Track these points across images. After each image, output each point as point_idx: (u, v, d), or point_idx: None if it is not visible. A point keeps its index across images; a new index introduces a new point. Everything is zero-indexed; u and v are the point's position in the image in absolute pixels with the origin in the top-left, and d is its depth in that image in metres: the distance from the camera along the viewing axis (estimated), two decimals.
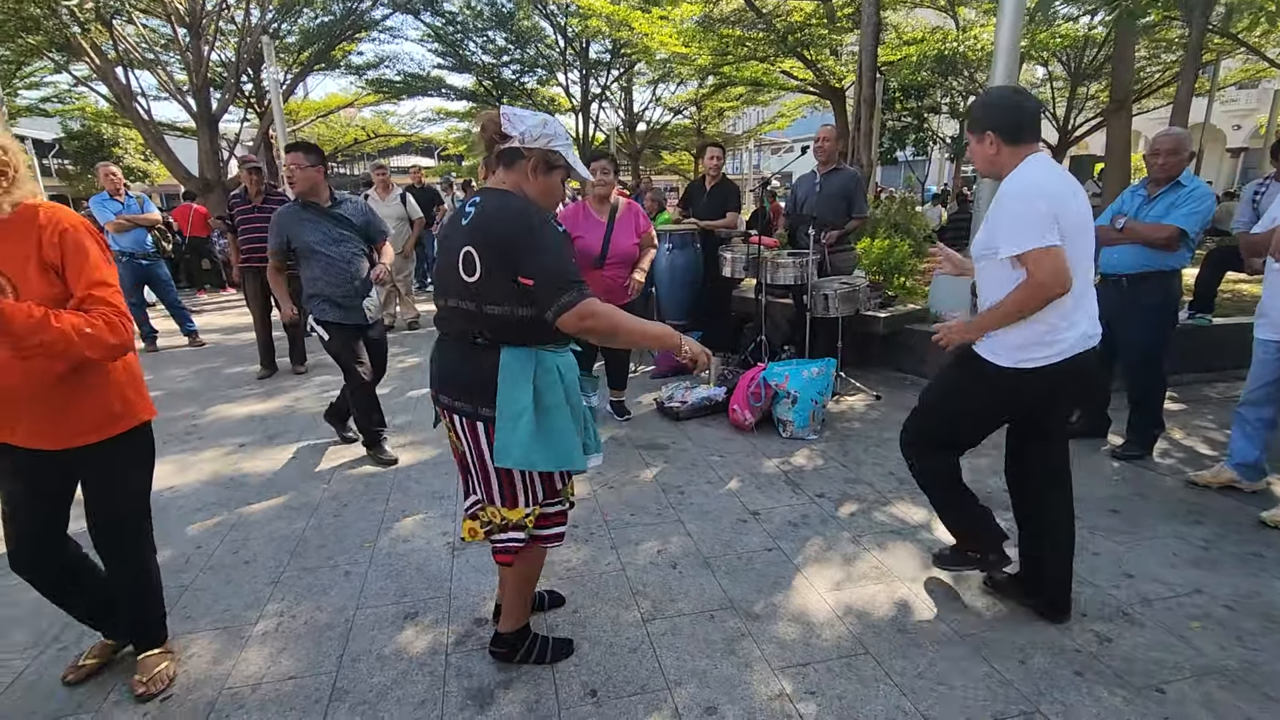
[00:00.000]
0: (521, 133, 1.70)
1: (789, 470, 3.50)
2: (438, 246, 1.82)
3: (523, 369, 1.71)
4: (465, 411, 1.76)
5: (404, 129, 23.56)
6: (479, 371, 1.72)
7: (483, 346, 1.72)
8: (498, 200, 1.69)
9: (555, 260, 1.63)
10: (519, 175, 1.75)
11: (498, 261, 1.64)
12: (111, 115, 18.22)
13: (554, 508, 1.96)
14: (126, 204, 6.23)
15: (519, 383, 1.70)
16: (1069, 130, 16.29)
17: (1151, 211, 3.23)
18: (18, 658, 2.17)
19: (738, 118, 26.81)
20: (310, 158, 3.38)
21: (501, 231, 1.64)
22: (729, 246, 5.04)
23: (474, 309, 1.69)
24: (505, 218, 1.65)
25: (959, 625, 2.24)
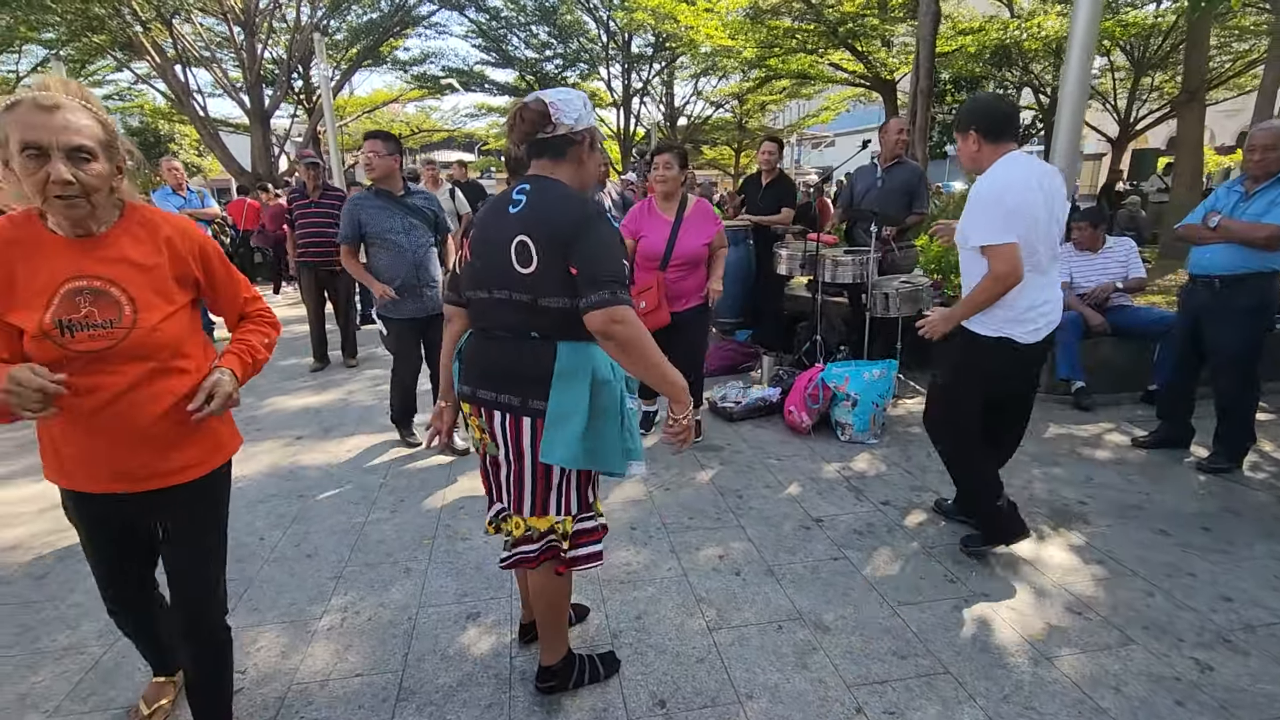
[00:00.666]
0: (574, 119, 1.63)
1: (850, 476, 3.39)
2: (475, 237, 1.73)
3: (580, 366, 1.63)
4: (511, 406, 1.66)
5: (446, 124, 23.84)
6: (534, 364, 1.63)
7: (536, 340, 1.65)
8: (553, 190, 1.63)
9: (604, 253, 1.55)
10: (572, 163, 1.69)
11: (555, 252, 1.57)
12: (169, 112, 18.84)
13: (586, 523, 1.83)
14: (188, 198, 6.39)
15: (575, 379, 1.62)
16: (1130, 123, 15.61)
17: (1249, 209, 3.02)
18: (94, 645, 2.21)
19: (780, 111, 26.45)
20: (388, 145, 3.43)
21: (560, 221, 1.57)
22: (784, 243, 4.92)
23: (529, 300, 1.62)
24: (564, 208, 1.59)
25: (1044, 647, 2.12)
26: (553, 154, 1.67)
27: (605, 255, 1.56)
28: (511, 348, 1.67)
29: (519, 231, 1.60)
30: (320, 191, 5.44)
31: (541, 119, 1.62)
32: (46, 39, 12.62)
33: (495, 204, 1.72)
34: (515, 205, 1.64)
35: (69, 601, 2.44)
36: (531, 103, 1.64)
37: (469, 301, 1.77)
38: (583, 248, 1.55)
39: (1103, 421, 4.09)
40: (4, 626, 2.31)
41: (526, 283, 1.61)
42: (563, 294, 1.59)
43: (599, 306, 1.51)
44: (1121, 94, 15.53)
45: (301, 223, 5.43)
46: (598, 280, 1.53)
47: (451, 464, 3.62)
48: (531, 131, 1.64)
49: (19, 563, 2.72)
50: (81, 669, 2.09)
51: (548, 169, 1.68)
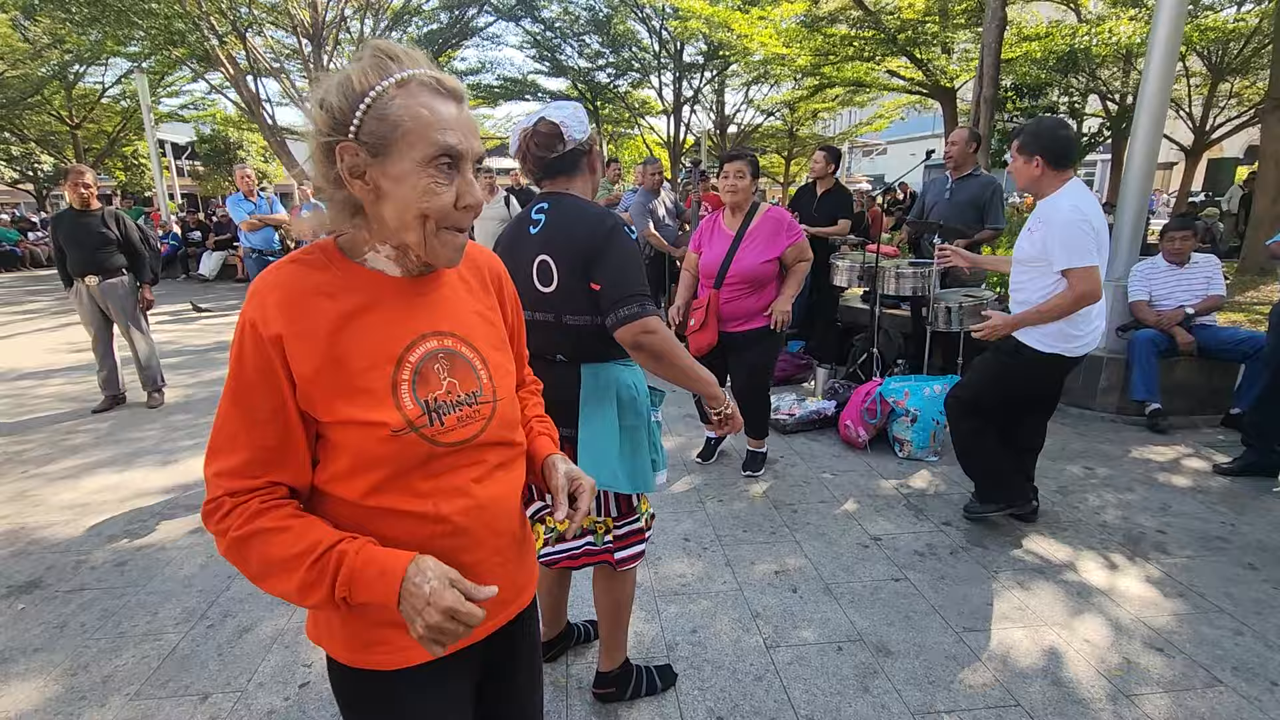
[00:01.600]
0: (582, 132, 1.63)
1: (909, 494, 3.30)
2: (502, 252, 1.72)
3: (605, 388, 1.66)
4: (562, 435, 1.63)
5: (499, 132, 24.32)
6: (558, 390, 1.60)
7: (562, 364, 1.67)
8: (569, 206, 1.64)
9: (626, 268, 1.56)
10: (584, 173, 1.70)
11: (575, 269, 1.58)
12: (238, 120, 19.78)
13: (628, 526, 1.82)
14: (258, 204, 6.66)
15: (602, 403, 1.65)
16: (1206, 131, 14.90)
17: None
18: (171, 631, 2.30)
19: (832, 119, 26.12)
20: None
21: (579, 238, 1.58)
22: (841, 254, 4.84)
23: (552, 320, 1.64)
24: (582, 222, 1.59)
25: (1122, 683, 2.02)
26: (567, 171, 1.67)
27: (627, 269, 1.56)
28: (556, 374, 1.66)
29: (539, 251, 1.62)
30: None
31: (553, 139, 1.61)
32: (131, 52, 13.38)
33: (516, 225, 1.73)
34: (535, 225, 1.65)
35: (148, 589, 2.56)
36: (540, 124, 1.61)
37: None
38: (604, 264, 1.56)
39: (1180, 445, 3.89)
40: (90, 611, 2.43)
41: (549, 301, 1.63)
42: (586, 311, 1.61)
43: (628, 321, 1.54)
44: (1196, 101, 14.83)
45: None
46: (623, 296, 1.54)
47: None
48: (546, 154, 1.63)
49: (102, 549, 2.86)
50: (160, 655, 2.18)
51: (563, 185, 1.68)
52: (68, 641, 2.26)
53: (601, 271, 1.56)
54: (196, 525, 3.06)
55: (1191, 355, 4.04)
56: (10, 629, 2.33)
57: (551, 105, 1.65)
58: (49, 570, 2.71)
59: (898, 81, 12.91)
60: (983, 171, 4.42)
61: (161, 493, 3.42)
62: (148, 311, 4.88)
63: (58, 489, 3.48)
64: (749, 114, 20.67)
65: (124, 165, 22.55)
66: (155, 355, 4.91)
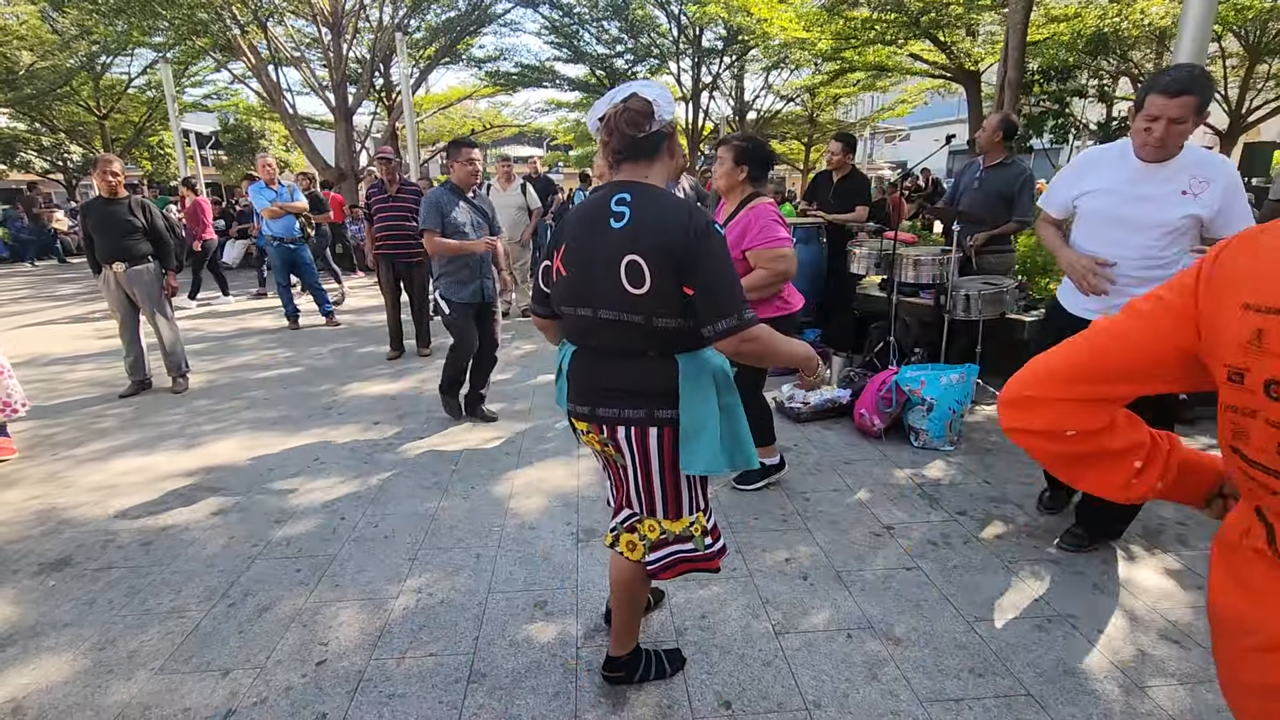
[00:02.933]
0: (670, 113, 1.58)
1: (923, 483, 3.28)
2: (570, 251, 1.64)
3: (701, 372, 1.61)
4: (637, 420, 1.61)
5: (518, 120, 24.30)
6: (654, 377, 1.60)
7: (654, 357, 1.60)
8: (657, 200, 1.54)
9: (723, 275, 1.49)
10: (664, 158, 1.62)
11: (668, 271, 1.49)
12: (260, 110, 19.95)
13: (711, 519, 1.82)
14: (279, 192, 6.74)
15: (701, 388, 1.60)
16: (1243, 114, 14.44)
17: None
18: (194, 609, 2.37)
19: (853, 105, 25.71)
20: (477, 151, 4.01)
21: (672, 239, 1.47)
22: (857, 241, 4.79)
23: (641, 322, 1.54)
24: (673, 222, 1.49)
25: (1136, 675, 2.00)
26: (648, 154, 1.59)
27: (723, 274, 1.49)
28: (628, 365, 1.62)
29: (629, 250, 1.50)
30: (398, 186, 5.58)
31: (645, 117, 1.53)
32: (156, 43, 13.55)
33: (590, 215, 1.60)
34: (619, 219, 1.53)
35: (172, 568, 2.63)
36: (632, 100, 1.53)
37: (564, 316, 1.70)
38: (700, 270, 1.48)
39: (1204, 436, 3.82)
40: (118, 588, 2.50)
41: (640, 304, 1.52)
42: (678, 315, 1.53)
43: (728, 334, 1.49)
44: (1233, 82, 14.37)
45: (380, 217, 5.56)
46: (720, 307, 1.48)
47: (520, 453, 3.70)
48: (635, 132, 1.54)
49: (128, 529, 2.95)
50: (183, 631, 2.25)
51: (642, 171, 1.59)
52: (96, 617, 2.33)
53: (697, 277, 1.48)
54: (219, 507, 3.13)
55: None
56: (41, 604, 2.42)
57: (639, 82, 1.57)
58: (78, 549, 2.79)
59: (920, 65, 12.68)
60: (1017, 159, 4.31)
61: (185, 475, 3.50)
62: (173, 298, 4.98)
63: (87, 471, 3.58)
64: (769, 100, 20.43)
65: (150, 155, 22.91)
66: (180, 342, 5.02)
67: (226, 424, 4.27)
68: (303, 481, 3.40)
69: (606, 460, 1.82)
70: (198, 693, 1.97)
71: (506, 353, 5.95)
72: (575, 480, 3.35)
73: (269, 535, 2.87)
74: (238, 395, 4.87)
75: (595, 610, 2.32)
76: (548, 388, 4.93)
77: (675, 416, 1.61)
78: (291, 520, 2.99)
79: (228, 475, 3.49)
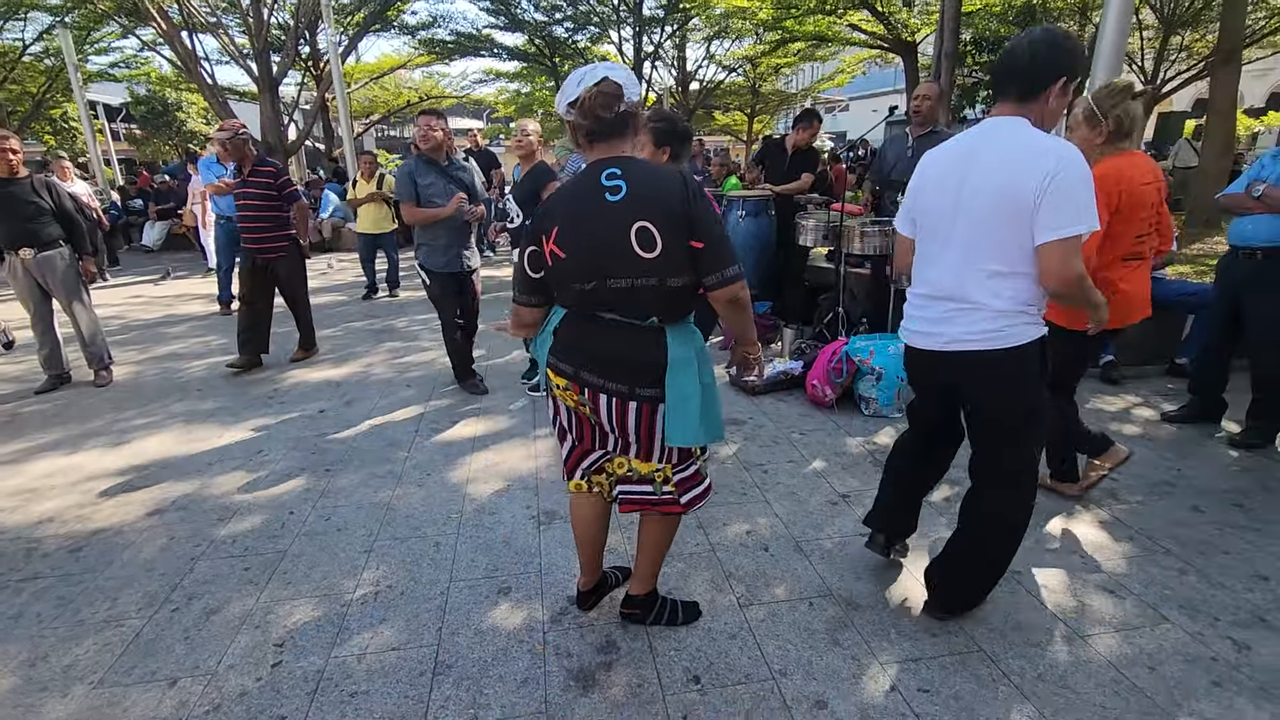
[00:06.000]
0: (637, 95, 1.68)
1: (875, 450, 3.37)
2: (567, 233, 1.67)
3: (688, 350, 1.73)
4: (618, 393, 1.73)
5: (456, 91, 23.47)
6: (642, 351, 1.71)
7: (651, 328, 1.71)
8: (645, 169, 1.66)
9: (716, 229, 1.65)
10: (632, 136, 1.72)
11: (678, 231, 1.62)
12: (175, 80, 18.66)
13: (689, 470, 1.90)
14: (230, 167, 6.29)
15: (689, 366, 1.71)
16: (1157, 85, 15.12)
17: None
18: (134, 616, 2.24)
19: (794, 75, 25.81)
20: (442, 120, 3.91)
21: (672, 200, 1.61)
22: (806, 214, 4.83)
23: (655, 284, 1.65)
24: (669, 186, 1.62)
25: (1077, 625, 2.12)
26: (619, 132, 1.68)
27: (718, 230, 1.65)
28: (621, 336, 1.71)
29: (636, 217, 1.61)
30: (251, 166, 4.66)
31: (615, 99, 1.63)
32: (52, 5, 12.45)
33: (582, 193, 1.67)
34: (614, 193, 1.62)
35: (106, 574, 2.48)
36: (604, 84, 1.63)
37: (566, 293, 1.75)
38: (703, 224, 1.62)
39: (1130, 395, 4.04)
40: (45, 599, 2.35)
41: (654, 266, 1.63)
42: (687, 271, 1.66)
43: (728, 283, 1.64)
44: (1149, 54, 15.00)
45: (238, 204, 4.73)
46: (721, 259, 1.63)
47: (475, 437, 3.63)
48: (606, 114, 1.64)
49: (54, 535, 2.76)
50: (123, 641, 2.13)
51: (615, 149, 1.69)
52: (23, 632, 2.18)
53: (702, 231, 1.62)
54: (155, 506, 2.97)
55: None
56: None
57: (605, 65, 1.67)
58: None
59: (859, 35, 12.78)
60: (944, 129, 4.41)
61: (115, 475, 3.30)
62: (91, 285, 4.64)
63: (2, 474, 3.34)
64: (711, 70, 20.30)
65: (53, 129, 21.20)
66: (100, 331, 4.70)
67: (157, 418, 4.04)
68: (246, 476, 3.25)
69: (574, 412, 1.90)
70: (143, 705, 1.88)
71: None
72: (533, 462, 3.31)
73: (212, 534, 2.73)
74: (169, 386, 4.61)
75: (560, 593, 2.31)
76: (499, 369, 4.84)
77: (655, 395, 1.72)
78: (236, 517, 2.86)
79: (162, 472, 3.31)
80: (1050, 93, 1.76)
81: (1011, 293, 1.82)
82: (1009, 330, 1.84)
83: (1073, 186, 1.66)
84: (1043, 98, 1.77)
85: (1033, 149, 1.72)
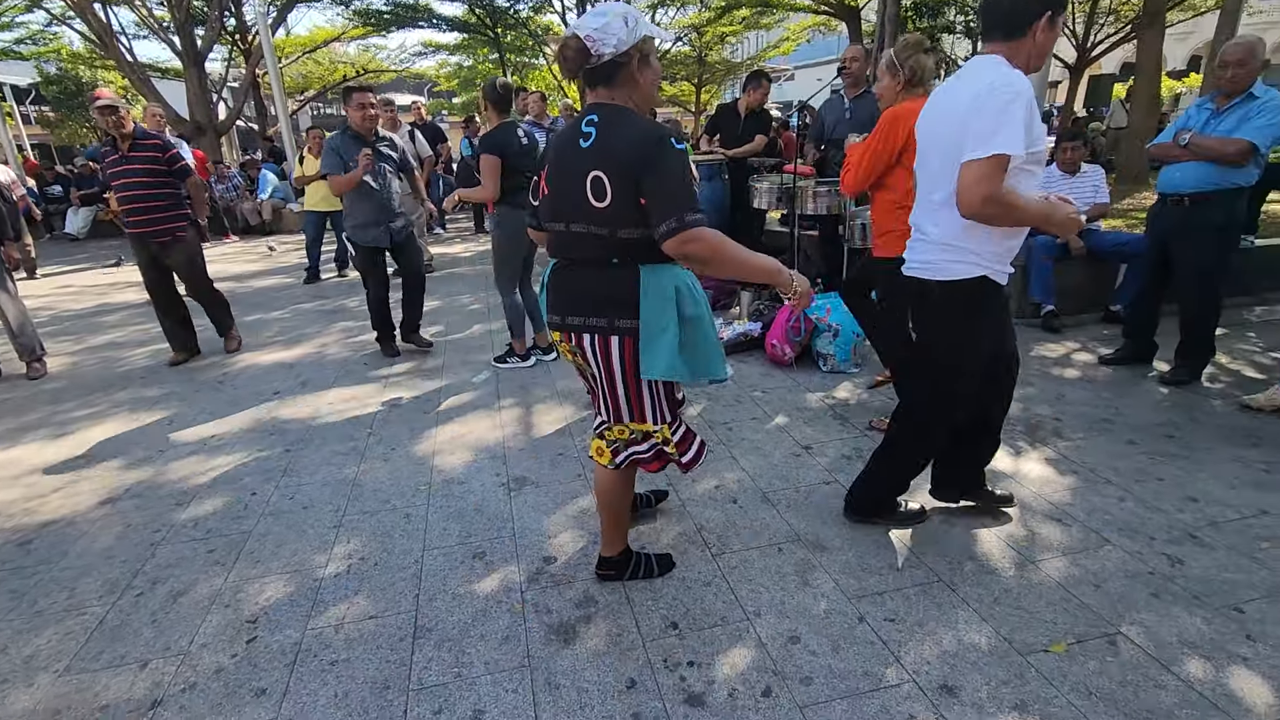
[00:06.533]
0: (615, 45, 1.62)
1: (834, 404, 3.47)
2: (550, 170, 1.78)
3: (661, 283, 1.72)
4: (599, 328, 1.75)
5: (394, 64, 22.66)
6: (617, 287, 1.72)
7: (616, 266, 1.72)
8: (619, 119, 1.65)
9: (669, 180, 1.58)
10: (625, 85, 1.69)
11: (627, 184, 1.61)
12: (90, 56, 17.51)
13: (680, 430, 1.95)
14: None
15: (661, 296, 1.71)
16: (1088, 49, 15.64)
17: (1221, 126, 3.08)
18: (96, 604, 2.18)
19: (739, 44, 25.75)
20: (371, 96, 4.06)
21: (629, 154, 1.60)
22: (760, 177, 4.87)
23: (607, 234, 1.68)
24: (630, 138, 1.60)
25: (1029, 552, 2.25)
26: (605, 81, 1.68)
27: (670, 182, 1.58)
28: (595, 275, 1.75)
29: (592, 166, 1.64)
30: (131, 141, 4.15)
31: (581, 54, 1.61)
32: None
33: (567, 135, 1.73)
34: (586, 139, 1.66)
35: (61, 565, 2.39)
36: (569, 39, 1.62)
37: (550, 236, 1.85)
38: (651, 178, 1.58)
39: (1069, 341, 4.25)
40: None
41: (603, 216, 1.66)
42: (638, 225, 1.65)
43: (670, 235, 1.58)
44: (1079, 18, 15.48)
45: (116, 185, 4.21)
46: (664, 209, 1.58)
47: (439, 411, 3.59)
48: (578, 66, 1.64)
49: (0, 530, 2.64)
50: (86, 629, 2.07)
51: (605, 95, 1.70)
52: None
53: (649, 184, 1.59)
54: (107, 495, 2.86)
55: (1083, 256, 4.36)
56: None
57: (588, 15, 1.63)
58: None
59: (804, 1, 12.80)
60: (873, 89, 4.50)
61: (59, 466, 3.16)
62: (14, 271, 4.38)
63: None
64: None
65: None
66: (29, 321, 4.45)
67: (100, 408, 3.87)
68: (201, 460, 3.15)
69: (579, 370, 1.97)
70: (114, 688, 1.83)
71: None
72: (500, 431, 3.31)
73: (171, 519, 2.66)
74: (110, 376, 4.41)
75: (536, 554, 2.34)
76: (459, 343, 4.78)
77: (634, 327, 1.73)
78: (195, 501, 2.79)
79: (111, 461, 3.18)
80: (1037, 28, 1.79)
81: (946, 223, 1.93)
82: (940, 263, 1.97)
83: (993, 109, 1.68)
84: (1030, 35, 1.79)
85: (978, 78, 1.77)
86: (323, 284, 7.09)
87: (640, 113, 1.73)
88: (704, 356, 1.80)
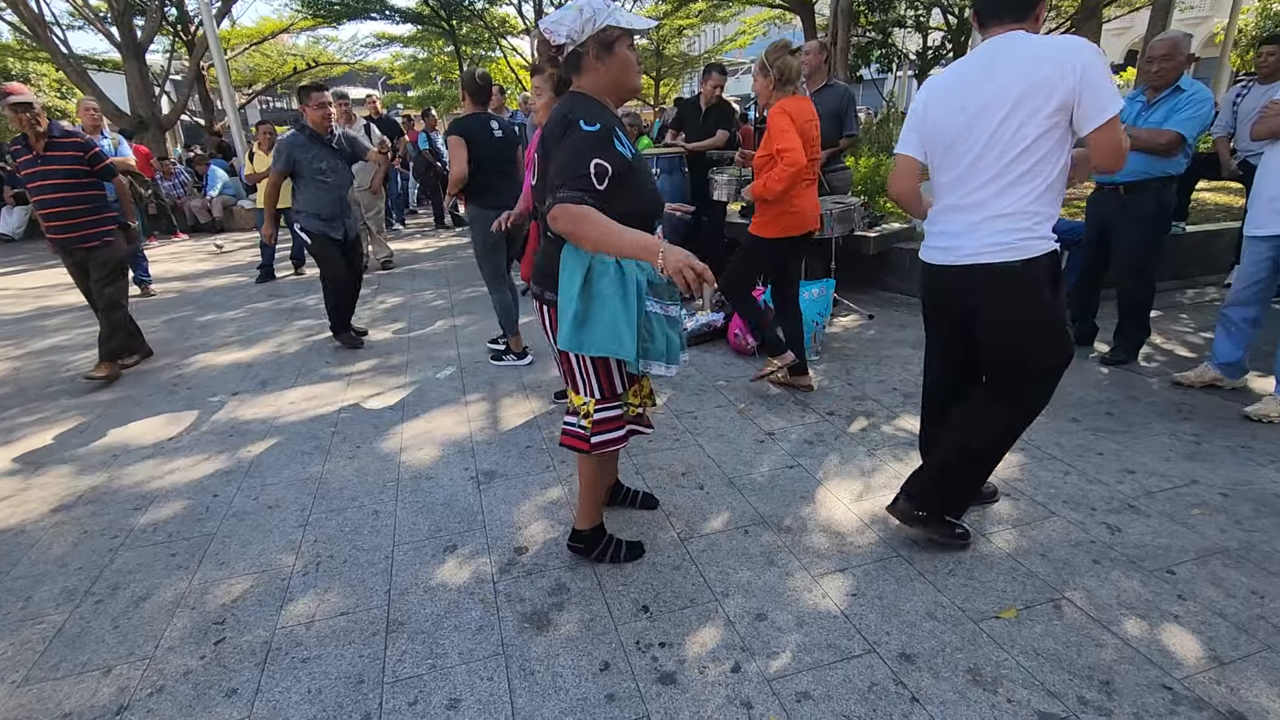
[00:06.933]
0: (569, 34, 1.71)
1: (795, 391, 3.56)
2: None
3: (577, 258, 1.79)
4: (538, 295, 1.94)
5: (346, 57, 22.11)
6: (550, 260, 1.87)
7: (553, 238, 1.85)
8: (562, 104, 1.77)
9: (562, 159, 1.66)
10: (587, 73, 1.77)
11: (545, 163, 1.76)
12: (19, 47, 16.64)
13: (609, 411, 1.98)
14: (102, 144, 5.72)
15: (573, 270, 1.79)
16: None
17: (1151, 118, 3.25)
18: (53, 613, 2.13)
19: (696, 37, 25.86)
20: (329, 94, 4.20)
21: (547, 133, 1.75)
22: (719, 169, 4.94)
23: (543, 210, 1.79)
24: (551, 119, 1.74)
25: (980, 526, 2.36)
26: (572, 70, 1.78)
27: (559, 160, 1.68)
28: (544, 249, 1.93)
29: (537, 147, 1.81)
30: (46, 141, 3.85)
31: (546, 46, 1.76)
32: None
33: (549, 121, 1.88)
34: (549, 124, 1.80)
35: (13, 575, 2.33)
36: (536, 33, 1.79)
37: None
38: (552, 157, 1.71)
39: None
40: None
41: (539, 192, 1.83)
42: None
43: (546, 213, 1.68)
44: None
45: (33, 187, 3.91)
46: (552, 184, 1.68)
47: (404, 407, 3.57)
48: (545, 57, 1.80)
49: None
50: (44, 638, 2.02)
51: (576, 84, 1.81)
52: None
53: (551, 163, 1.71)
54: (59, 503, 2.78)
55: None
56: None
57: (554, 13, 1.74)
58: None
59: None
60: (838, 81, 4.60)
61: (3, 474, 3.05)
62: None
63: None
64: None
65: None
66: None
67: (46, 414, 3.74)
68: (159, 464, 3.08)
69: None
70: (77, 696, 1.80)
71: (372, 308, 5.64)
72: (467, 426, 3.31)
73: (130, 524, 2.60)
74: (56, 381, 4.26)
75: (507, 546, 2.36)
76: (422, 339, 4.75)
77: (555, 299, 1.88)
78: (154, 505, 2.73)
79: (61, 468, 3.09)
80: (1040, 10, 1.88)
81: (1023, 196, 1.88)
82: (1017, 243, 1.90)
83: (1105, 72, 1.74)
84: (1034, 13, 1.87)
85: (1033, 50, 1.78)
86: (278, 282, 6.93)
87: (608, 100, 1.80)
88: (607, 334, 1.76)
